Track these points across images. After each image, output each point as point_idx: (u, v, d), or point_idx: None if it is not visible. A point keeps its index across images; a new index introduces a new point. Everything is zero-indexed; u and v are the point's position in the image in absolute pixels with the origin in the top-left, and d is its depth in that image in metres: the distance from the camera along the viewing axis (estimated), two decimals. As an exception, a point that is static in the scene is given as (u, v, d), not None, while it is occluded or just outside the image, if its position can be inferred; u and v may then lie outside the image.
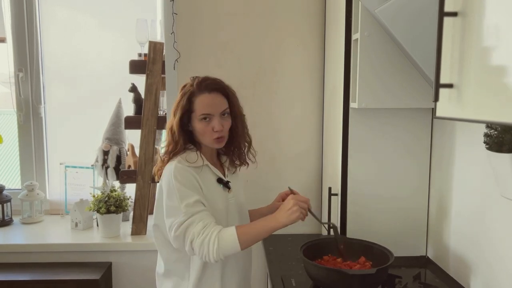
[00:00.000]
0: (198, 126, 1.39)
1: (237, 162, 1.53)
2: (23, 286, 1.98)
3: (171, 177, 1.34)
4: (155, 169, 1.49)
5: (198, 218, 1.31)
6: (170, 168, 1.37)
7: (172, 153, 1.41)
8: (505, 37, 0.69)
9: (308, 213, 1.36)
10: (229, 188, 1.47)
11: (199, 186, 1.37)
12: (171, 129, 1.41)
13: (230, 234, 1.29)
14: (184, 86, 1.43)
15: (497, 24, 0.71)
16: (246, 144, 1.52)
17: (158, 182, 1.45)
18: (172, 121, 1.41)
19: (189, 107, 1.39)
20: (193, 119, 1.40)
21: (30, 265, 2.11)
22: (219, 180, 1.45)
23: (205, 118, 1.38)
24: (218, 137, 1.40)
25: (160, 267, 1.50)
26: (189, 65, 2.17)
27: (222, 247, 1.28)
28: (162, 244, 1.45)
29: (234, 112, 1.46)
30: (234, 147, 1.51)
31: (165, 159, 1.43)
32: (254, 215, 1.59)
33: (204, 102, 1.39)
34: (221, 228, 1.31)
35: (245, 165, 1.55)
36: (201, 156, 1.41)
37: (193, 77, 1.44)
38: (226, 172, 1.51)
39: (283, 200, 1.53)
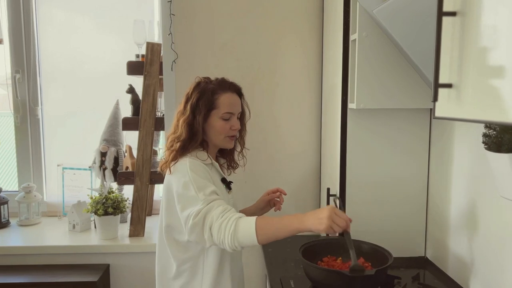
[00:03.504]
0: (217, 123, 1.41)
1: (233, 164, 1.57)
2: (20, 289, 1.97)
3: (187, 169, 1.33)
4: (161, 163, 1.46)
5: (217, 204, 1.28)
6: (184, 163, 1.36)
7: (184, 147, 1.38)
8: (504, 37, 0.68)
9: (343, 235, 1.26)
10: (230, 188, 1.50)
11: (212, 181, 1.38)
12: (189, 123, 1.38)
13: (249, 223, 1.23)
14: (199, 83, 1.43)
15: (496, 24, 0.71)
16: (240, 147, 1.55)
17: (165, 175, 1.43)
18: (188, 116, 1.39)
19: (212, 104, 1.40)
20: (212, 116, 1.41)
21: (27, 267, 2.09)
22: (223, 180, 1.48)
23: (227, 117, 1.41)
24: (233, 136, 1.45)
25: (169, 271, 1.45)
26: (187, 66, 2.16)
27: (238, 233, 1.22)
28: (174, 245, 1.42)
29: (243, 116, 1.51)
30: (231, 149, 1.54)
31: (176, 154, 1.39)
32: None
33: (229, 101, 1.42)
34: (242, 215, 1.27)
35: (234, 167, 1.57)
36: (209, 155, 1.44)
37: (205, 77, 1.46)
38: (226, 173, 1.55)
39: (268, 195, 1.59)
